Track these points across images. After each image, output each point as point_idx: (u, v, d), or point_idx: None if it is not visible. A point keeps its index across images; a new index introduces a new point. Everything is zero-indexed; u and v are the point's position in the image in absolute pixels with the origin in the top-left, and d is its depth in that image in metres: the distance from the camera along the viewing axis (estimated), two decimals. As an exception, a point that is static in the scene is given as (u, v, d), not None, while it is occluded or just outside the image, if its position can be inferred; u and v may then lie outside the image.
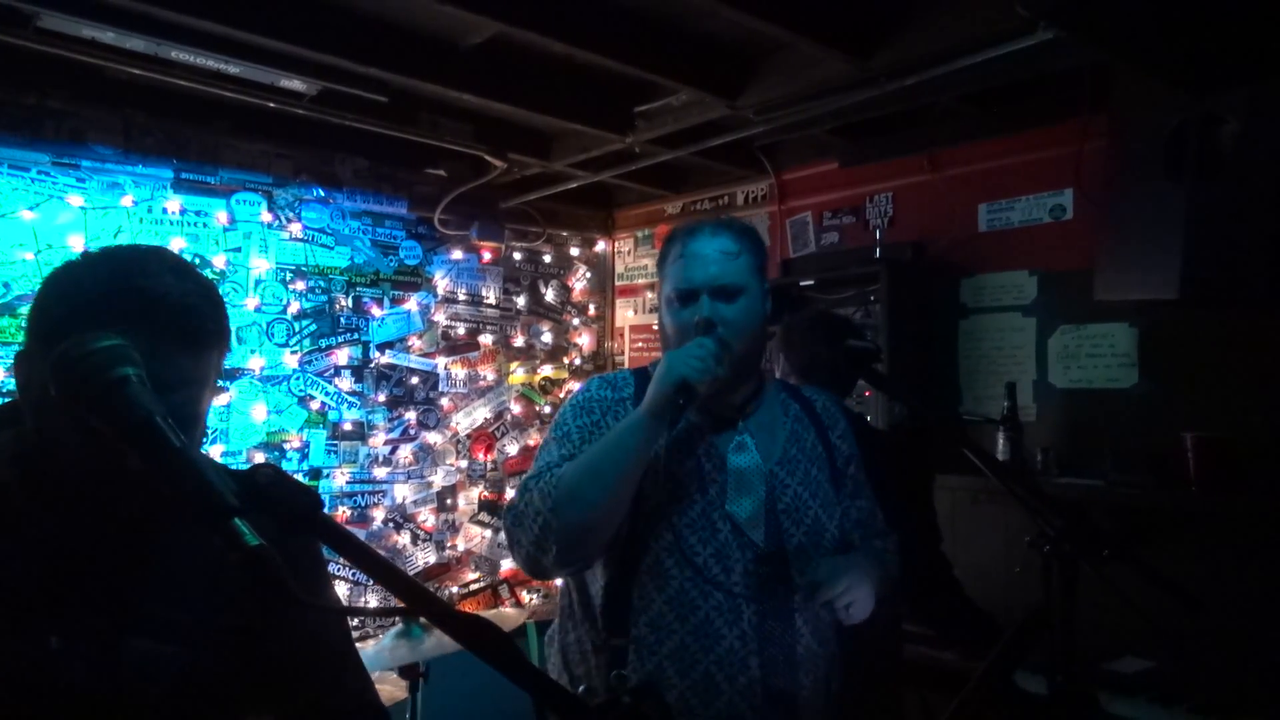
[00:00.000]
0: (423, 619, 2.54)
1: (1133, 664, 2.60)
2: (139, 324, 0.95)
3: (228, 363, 3.79)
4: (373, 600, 3.98)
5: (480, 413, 4.65)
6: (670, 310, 1.73)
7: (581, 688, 1.56)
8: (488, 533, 4.59)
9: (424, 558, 4.39)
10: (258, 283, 3.93)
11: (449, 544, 4.48)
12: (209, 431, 3.75)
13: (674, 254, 1.74)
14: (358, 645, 1.36)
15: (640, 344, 5.06)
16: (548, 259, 5.01)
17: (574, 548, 1.56)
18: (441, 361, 4.52)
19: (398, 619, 2.88)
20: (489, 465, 4.66)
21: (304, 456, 4.03)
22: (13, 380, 1.07)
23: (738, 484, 1.69)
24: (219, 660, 1.12)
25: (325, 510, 0.89)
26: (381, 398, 4.28)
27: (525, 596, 4.70)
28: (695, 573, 1.63)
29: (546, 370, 4.95)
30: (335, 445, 4.13)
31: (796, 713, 1.66)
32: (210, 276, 3.76)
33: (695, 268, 1.69)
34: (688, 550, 1.63)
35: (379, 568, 0.88)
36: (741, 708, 1.61)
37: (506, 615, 3.36)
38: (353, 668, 1.31)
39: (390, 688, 3.12)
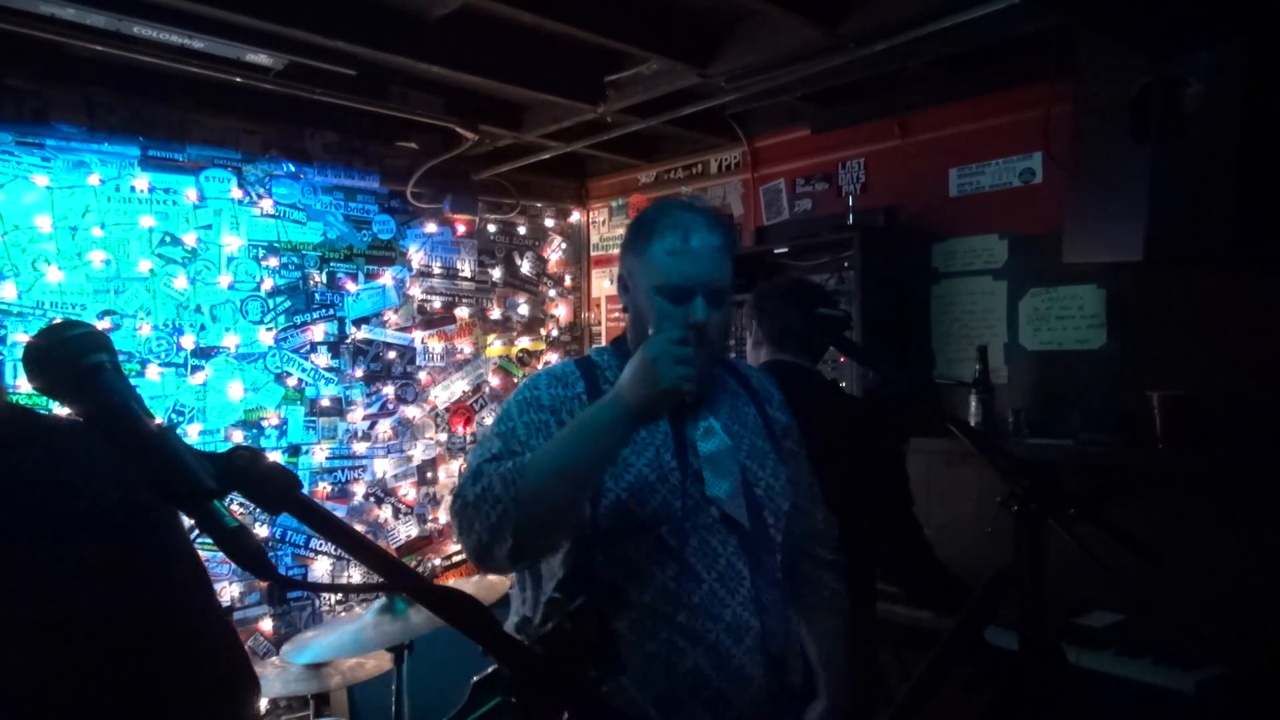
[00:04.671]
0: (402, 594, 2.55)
1: (1102, 618, 2.66)
2: None
3: (203, 342, 3.78)
4: (356, 575, 4.00)
5: (458, 386, 4.66)
6: (655, 302, 1.63)
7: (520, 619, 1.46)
8: (469, 505, 4.61)
9: (406, 531, 4.41)
10: (230, 260, 3.90)
11: (430, 517, 4.50)
12: (185, 411, 3.74)
13: (667, 242, 1.62)
14: (343, 620, 1.31)
15: (617, 314, 5.06)
16: (522, 231, 5.00)
17: (533, 542, 1.47)
18: (418, 335, 4.52)
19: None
20: (468, 438, 4.67)
21: (282, 433, 4.03)
22: None
23: (715, 468, 1.66)
24: (53, 656, 1.03)
25: (303, 490, 0.90)
26: (359, 373, 4.28)
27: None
28: (680, 567, 1.59)
29: (524, 342, 4.96)
30: (314, 421, 4.13)
31: (789, 682, 1.69)
32: (181, 254, 3.76)
33: (694, 265, 1.61)
34: (671, 545, 1.59)
35: (358, 545, 0.90)
36: (752, 672, 1.60)
37: (492, 585, 3.39)
38: (219, 633, 1.26)
39: (376, 660, 3.15)
